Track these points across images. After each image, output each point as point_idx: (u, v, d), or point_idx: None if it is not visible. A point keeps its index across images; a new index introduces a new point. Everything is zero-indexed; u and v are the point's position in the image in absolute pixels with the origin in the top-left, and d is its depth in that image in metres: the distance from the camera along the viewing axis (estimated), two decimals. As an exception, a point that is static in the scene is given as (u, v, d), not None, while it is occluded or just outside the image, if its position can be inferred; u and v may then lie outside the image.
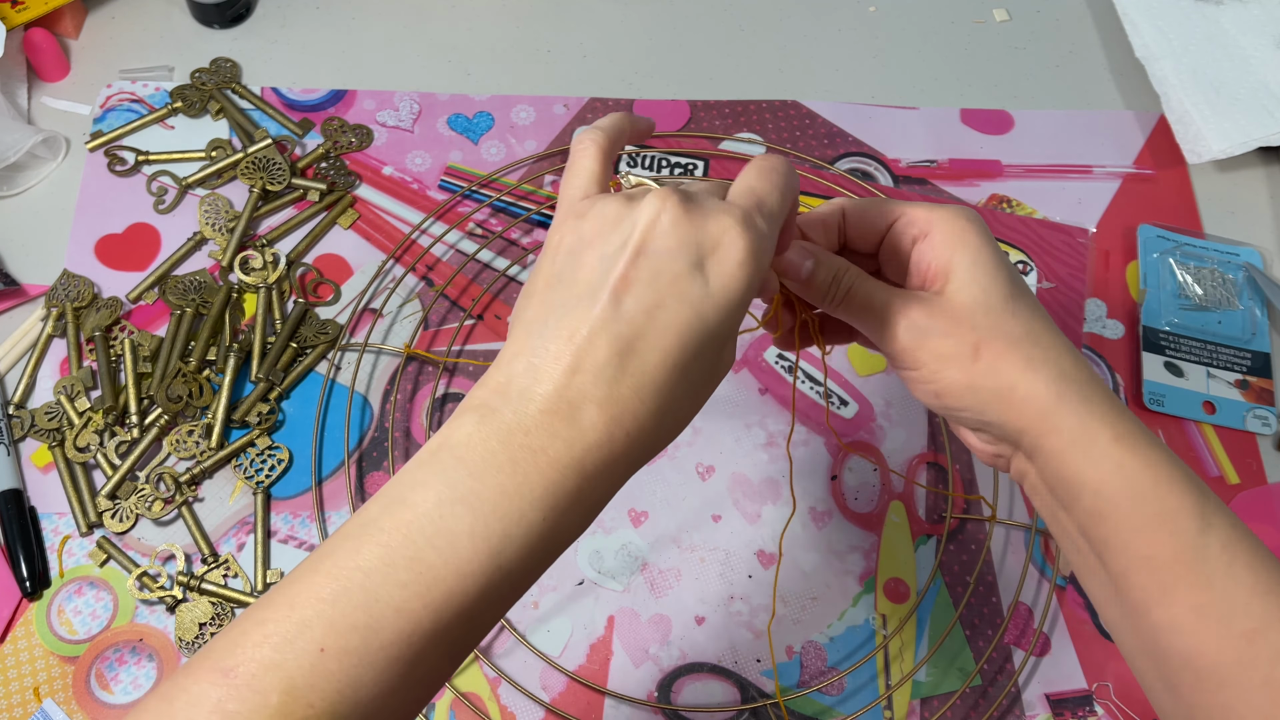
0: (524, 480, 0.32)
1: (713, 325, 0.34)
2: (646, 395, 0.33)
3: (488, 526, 0.32)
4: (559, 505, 0.32)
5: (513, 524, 0.32)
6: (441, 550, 0.31)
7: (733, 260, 0.34)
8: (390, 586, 0.31)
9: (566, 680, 0.56)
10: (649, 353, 0.33)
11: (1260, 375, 0.65)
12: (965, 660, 0.57)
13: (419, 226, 0.69)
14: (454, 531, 0.32)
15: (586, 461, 0.33)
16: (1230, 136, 0.70)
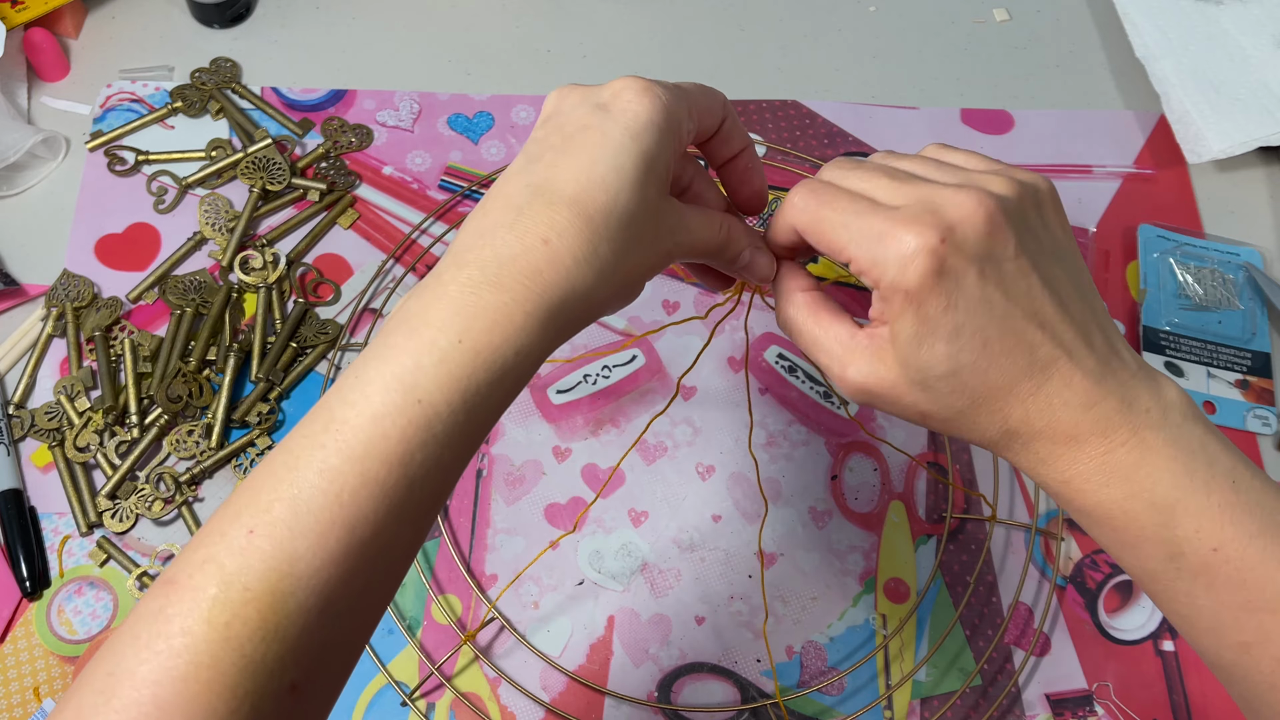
0: (428, 308, 0.33)
1: (618, 140, 0.35)
2: (561, 211, 0.34)
3: (398, 364, 0.32)
4: (471, 323, 0.33)
5: (423, 353, 0.32)
6: (355, 403, 0.32)
7: (630, 93, 0.36)
8: (309, 449, 0.31)
9: (566, 680, 0.56)
10: (562, 179, 0.35)
11: (1260, 375, 0.65)
12: (965, 660, 0.57)
13: (419, 226, 0.69)
14: (365, 379, 0.32)
15: (499, 274, 0.33)
16: (1230, 136, 0.70)
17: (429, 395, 0.32)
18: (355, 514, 0.31)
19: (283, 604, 0.30)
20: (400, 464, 0.31)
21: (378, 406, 0.32)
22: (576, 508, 0.61)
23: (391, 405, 0.32)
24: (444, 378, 0.32)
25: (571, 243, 0.34)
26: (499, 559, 0.59)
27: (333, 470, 0.31)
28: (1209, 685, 0.57)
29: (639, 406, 0.64)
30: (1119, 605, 0.59)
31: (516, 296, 0.33)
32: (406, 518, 0.32)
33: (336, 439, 0.31)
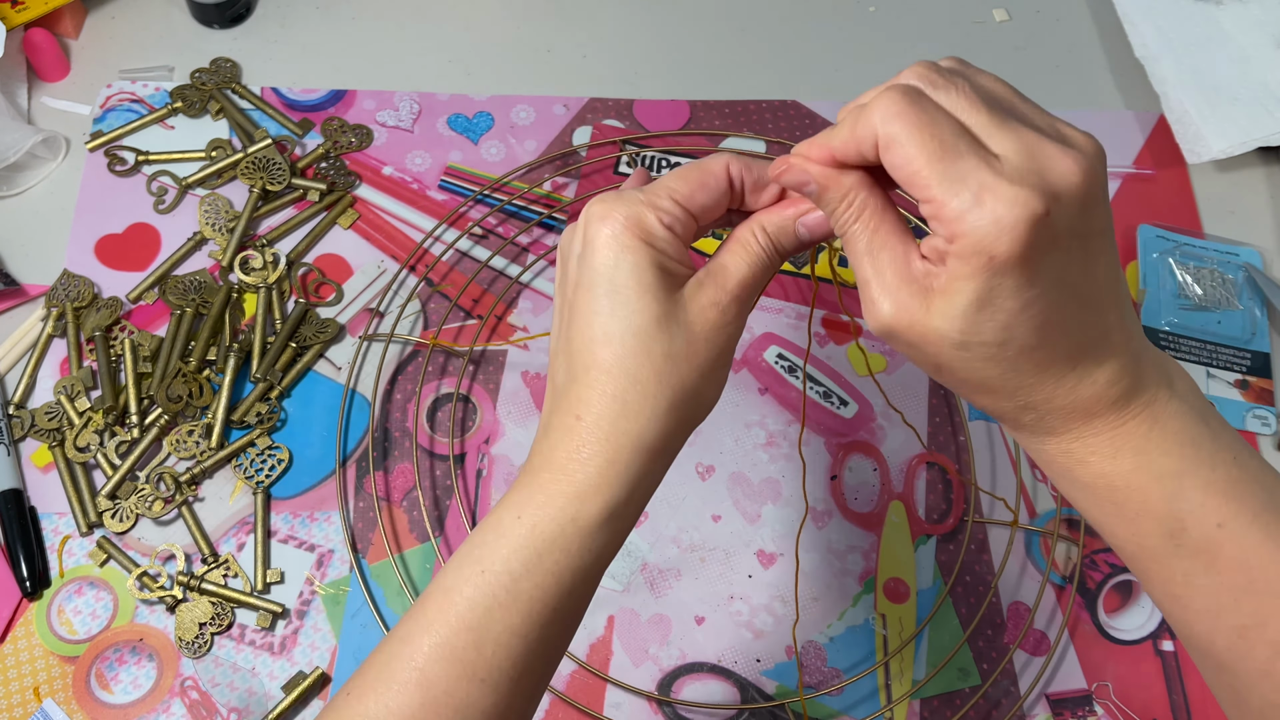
0: (507, 494, 0.37)
1: (602, 291, 0.36)
2: (584, 384, 0.36)
3: (472, 542, 0.37)
4: (528, 499, 0.37)
5: (489, 530, 0.37)
6: (439, 577, 0.37)
7: (593, 230, 0.36)
8: (407, 619, 0.37)
9: (567, 679, 0.56)
10: (575, 348, 0.37)
11: (1260, 375, 0.65)
12: (965, 660, 0.57)
13: (431, 234, 0.69)
14: (451, 563, 0.37)
15: (551, 454, 0.37)
16: (1230, 136, 0.70)
17: (490, 565, 0.36)
18: (426, 675, 0.35)
19: None
20: (467, 630, 0.35)
21: (450, 580, 0.36)
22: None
23: (460, 575, 0.36)
24: (504, 550, 0.36)
25: (599, 410, 0.36)
26: (499, 559, 0.59)
27: (409, 635, 0.36)
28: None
29: (639, 406, 0.64)
30: (1119, 605, 0.59)
31: (567, 472, 0.36)
32: (479, 679, 0.35)
33: (417, 609, 0.36)
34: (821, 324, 0.67)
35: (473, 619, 0.35)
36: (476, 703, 0.35)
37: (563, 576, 0.36)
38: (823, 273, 0.68)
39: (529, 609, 0.36)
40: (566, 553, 0.36)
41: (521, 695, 0.37)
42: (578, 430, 0.36)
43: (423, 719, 0.35)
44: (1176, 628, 0.37)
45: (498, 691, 0.36)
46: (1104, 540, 0.37)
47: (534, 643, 0.36)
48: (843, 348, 0.66)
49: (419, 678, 0.35)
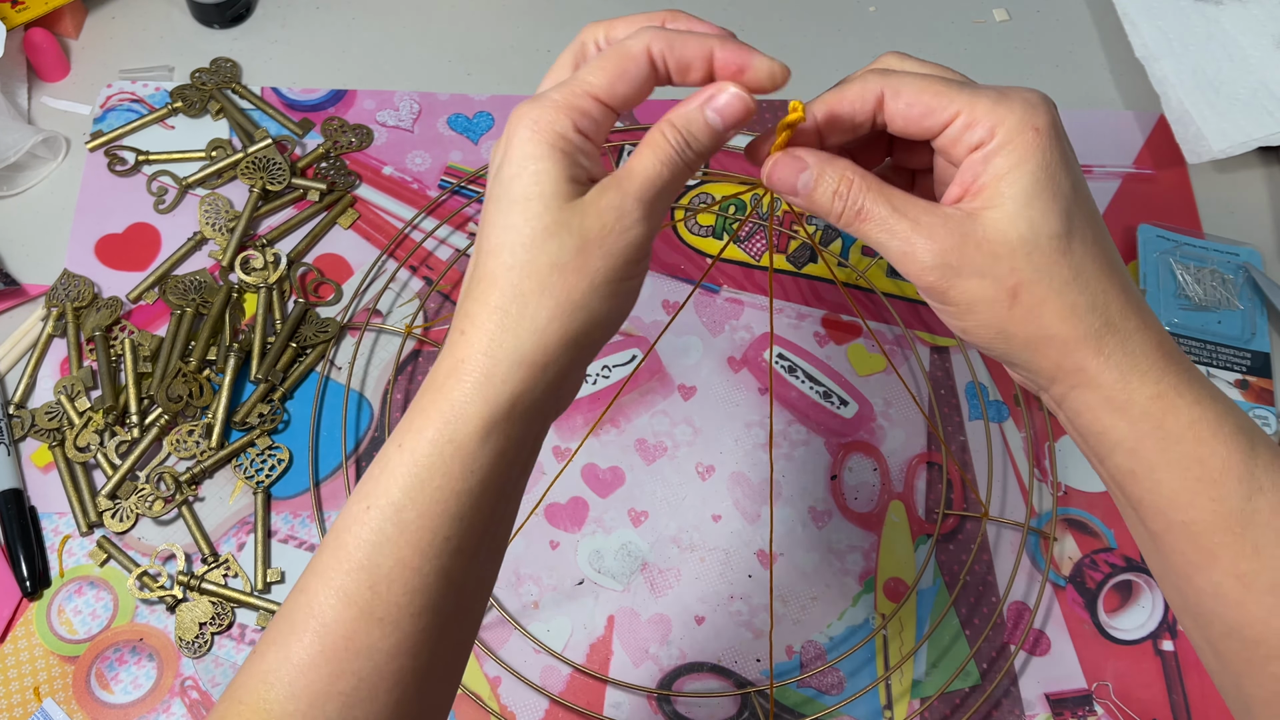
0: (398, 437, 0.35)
1: (502, 197, 0.34)
2: (476, 295, 0.34)
3: (366, 475, 0.35)
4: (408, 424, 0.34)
5: (376, 463, 0.34)
6: (336, 518, 0.35)
7: (510, 136, 0.34)
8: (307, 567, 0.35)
9: (567, 679, 0.56)
10: (477, 257, 0.35)
11: (1260, 375, 0.65)
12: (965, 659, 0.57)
13: (411, 222, 0.69)
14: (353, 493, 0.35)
15: (434, 375, 0.34)
16: (1230, 136, 0.70)
17: (375, 500, 0.34)
18: (323, 621, 0.33)
19: (266, 713, 0.33)
20: (359, 569, 0.33)
21: (340, 522, 0.34)
22: (577, 508, 0.61)
23: (349, 515, 0.34)
24: (386, 481, 0.34)
25: (485, 322, 0.34)
26: (499, 559, 0.59)
27: (306, 583, 0.34)
28: (1209, 685, 0.57)
29: (639, 406, 0.64)
30: (1119, 605, 0.59)
31: (444, 391, 0.34)
32: (376, 618, 0.33)
33: (314, 558, 0.35)
34: (821, 324, 0.67)
35: (363, 557, 0.33)
36: (378, 643, 0.33)
37: (449, 502, 0.34)
38: (822, 273, 0.68)
39: (417, 539, 0.33)
40: (448, 476, 0.33)
41: (427, 632, 0.34)
42: (460, 345, 0.34)
43: (324, 665, 0.33)
44: (1229, 616, 0.34)
45: (399, 630, 0.34)
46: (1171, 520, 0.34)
47: (429, 575, 0.34)
48: (843, 348, 0.66)
49: (317, 625, 0.33)
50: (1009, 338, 0.34)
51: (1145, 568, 0.60)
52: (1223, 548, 0.33)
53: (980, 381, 0.65)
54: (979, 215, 0.33)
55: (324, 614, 0.33)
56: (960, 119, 0.33)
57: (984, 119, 0.33)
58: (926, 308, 0.67)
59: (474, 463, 0.34)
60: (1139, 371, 0.34)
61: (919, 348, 0.66)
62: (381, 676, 0.33)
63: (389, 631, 0.33)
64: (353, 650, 0.33)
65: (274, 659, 0.33)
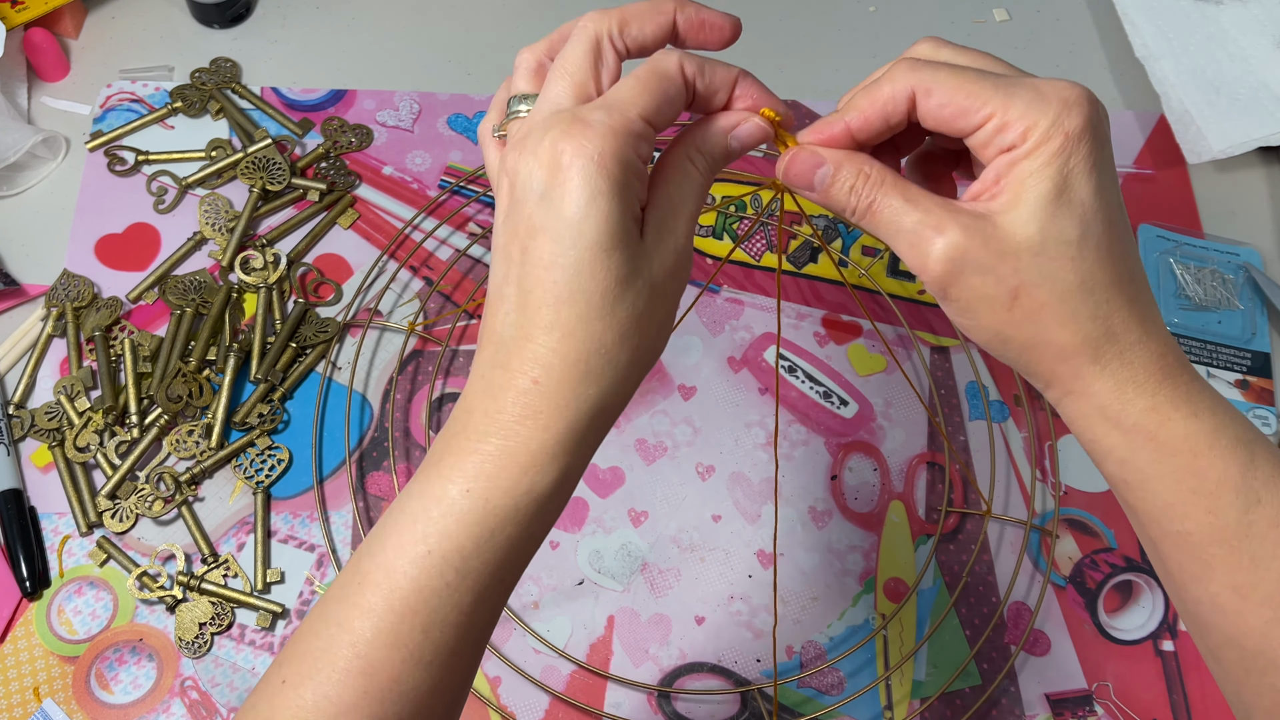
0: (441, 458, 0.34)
1: (570, 240, 0.32)
2: (541, 344, 0.33)
3: (411, 516, 0.33)
4: (477, 471, 0.33)
5: (431, 504, 0.33)
6: (374, 554, 0.33)
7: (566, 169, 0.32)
8: (335, 602, 0.34)
9: (567, 678, 0.56)
10: (533, 305, 0.33)
11: (1260, 375, 0.65)
12: (965, 660, 0.57)
13: (411, 222, 0.69)
14: (385, 531, 0.34)
15: (499, 420, 0.33)
16: (1230, 136, 0.70)
17: (438, 545, 0.33)
18: (369, 663, 0.32)
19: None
20: (413, 614, 0.33)
21: (390, 559, 0.33)
22: (577, 508, 0.61)
23: (403, 553, 0.33)
24: (452, 527, 0.33)
25: (560, 375, 0.32)
26: (499, 559, 0.59)
27: (348, 619, 0.33)
28: (1209, 685, 0.57)
29: (639, 406, 0.64)
30: (1119, 605, 0.59)
31: (521, 440, 0.33)
32: (424, 661, 0.33)
33: (353, 590, 0.33)
34: (821, 324, 0.67)
35: (419, 603, 0.33)
36: (421, 684, 0.33)
37: (514, 549, 0.34)
38: (822, 273, 0.68)
39: (477, 586, 0.33)
40: (519, 525, 0.33)
41: (465, 669, 0.35)
42: (534, 394, 0.32)
43: (366, 708, 0.32)
44: (1227, 627, 0.34)
45: (443, 670, 0.33)
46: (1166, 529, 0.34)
47: (479, 617, 0.34)
48: (843, 348, 0.66)
49: (362, 666, 0.32)
50: (1006, 340, 0.34)
51: (1146, 568, 0.60)
52: (1219, 560, 0.33)
53: (981, 382, 0.65)
54: (993, 214, 0.33)
55: (371, 656, 0.32)
56: (993, 121, 0.33)
57: (1017, 121, 0.32)
58: (928, 307, 0.67)
59: (545, 513, 0.34)
60: (1135, 383, 0.34)
61: (920, 347, 0.66)
62: (419, 713, 0.33)
63: (434, 673, 0.33)
64: (397, 693, 0.33)
65: (311, 696, 0.32)
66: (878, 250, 0.69)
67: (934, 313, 0.67)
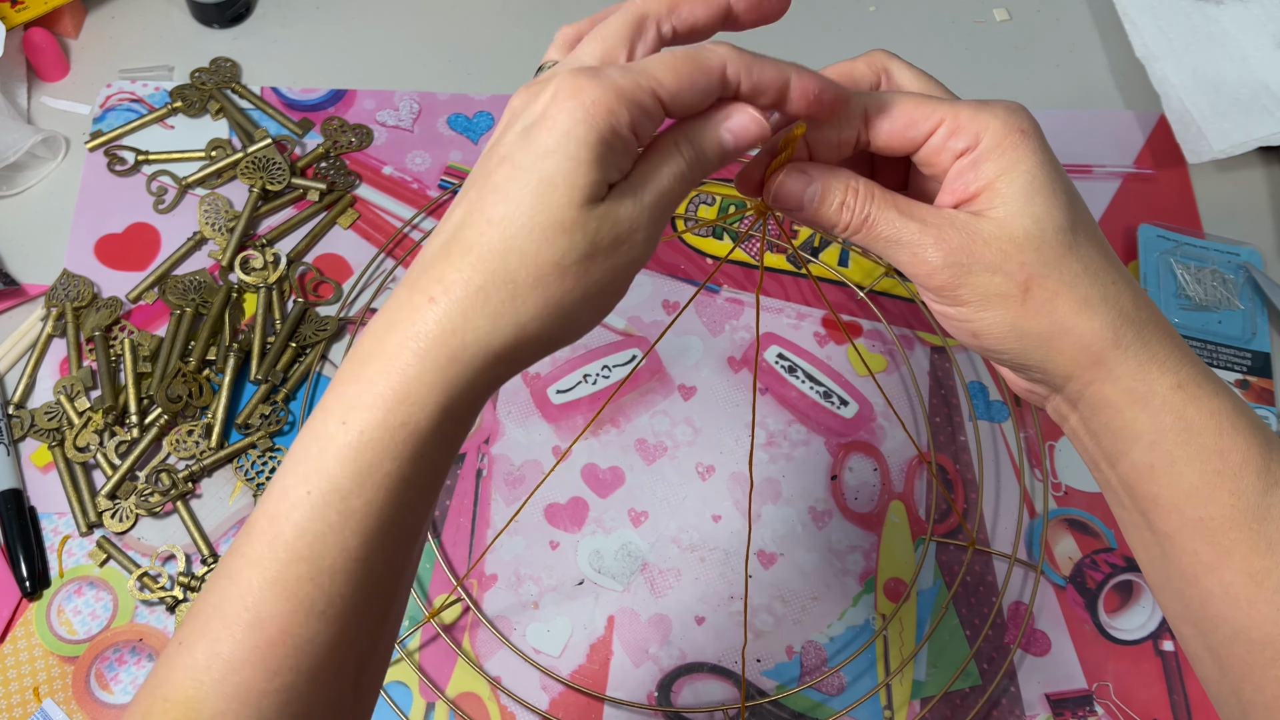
0: (331, 389, 0.32)
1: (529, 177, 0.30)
2: (458, 265, 0.30)
3: (296, 455, 0.32)
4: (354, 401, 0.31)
5: (312, 441, 0.31)
6: (263, 501, 0.32)
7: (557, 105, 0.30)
8: (230, 554, 0.32)
9: (567, 678, 0.56)
10: (471, 228, 0.31)
11: (1260, 375, 0.65)
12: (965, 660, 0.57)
13: (410, 222, 0.69)
14: (281, 471, 0.32)
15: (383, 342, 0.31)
16: (1230, 136, 0.70)
17: (317, 485, 0.31)
18: (258, 615, 0.30)
19: (195, 712, 0.30)
20: (299, 560, 0.31)
21: (275, 505, 0.31)
22: (577, 508, 0.61)
23: (285, 497, 0.31)
24: (330, 464, 0.31)
25: (462, 298, 0.30)
26: (498, 559, 0.59)
27: (237, 571, 0.31)
28: (1209, 685, 0.57)
29: (639, 406, 0.64)
30: (1119, 605, 0.59)
31: (399, 366, 0.30)
32: (318, 612, 0.31)
33: (243, 541, 0.32)
34: (822, 324, 0.67)
35: (303, 548, 0.30)
36: (316, 636, 0.31)
37: (395, 489, 0.31)
38: (823, 273, 0.68)
39: (364, 529, 0.31)
40: (397, 462, 0.31)
41: (366, 623, 0.32)
42: (424, 314, 0.30)
43: (259, 662, 0.30)
44: (1237, 618, 0.34)
45: (340, 622, 0.31)
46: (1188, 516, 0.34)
47: (375, 565, 0.32)
48: (843, 348, 0.66)
49: (251, 618, 0.30)
50: (1023, 334, 0.34)
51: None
52: (1237, 544, 0.33)
53: (981, 381, 0.65)
54: (983, 215, 0.33)
55: (259, 607, 0.30)
56: (943, 127, 0.34)
57: (967, 125, 0.33)
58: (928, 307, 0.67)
59: (427, 448, 0.31)
60: (1157, 362, 0.34)
61: (920, 347, 0.66)
62: (321, 670, 0.31)
63: (330, 625, 0.31)
64: (290, 646, 0.31)
65: (204, 654, 0.31)
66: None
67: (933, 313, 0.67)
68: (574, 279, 0.31)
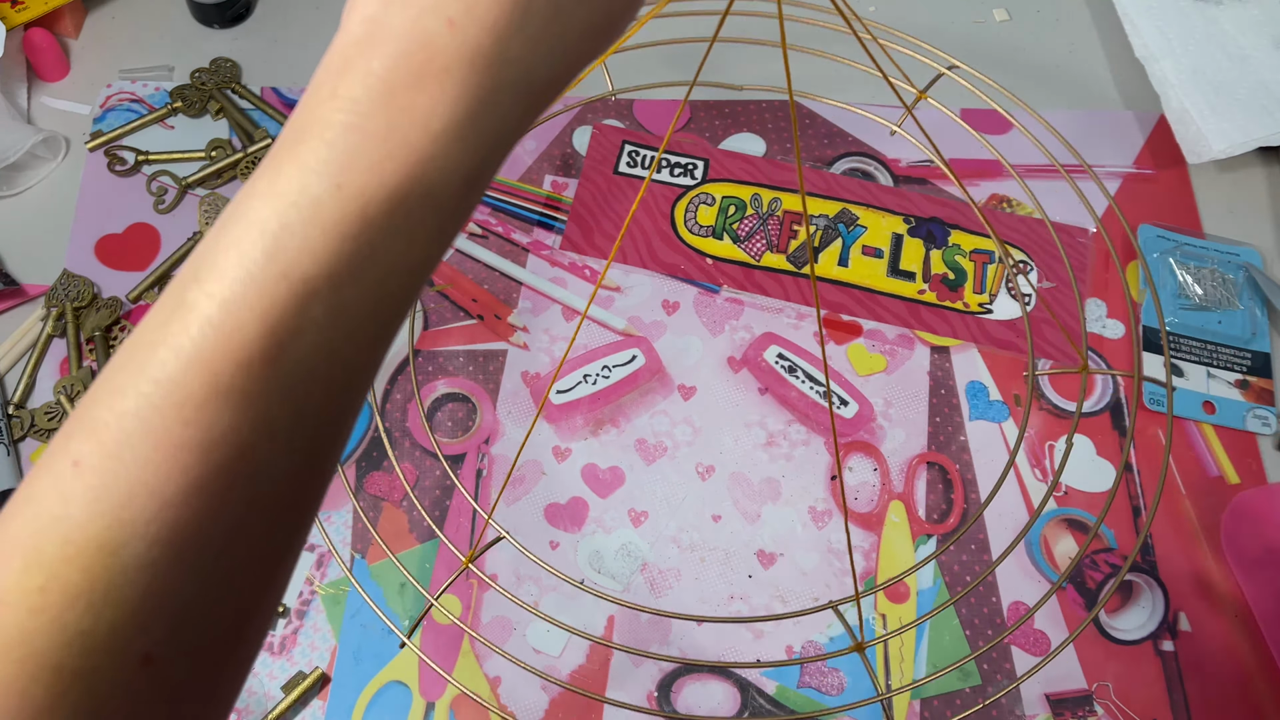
0: (300, 138, 0.24)
1: None
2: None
3: (259, 225, 0.23)
4: (353, 158, 0.23)
5: (288, 208, 0.23)
6: (205, 281, 0.24)
7: None
8: (150, 350, 0.24)
9: (566, 679, 0.56)
10: None
11: (1260, 375, 0.65)
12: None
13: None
14: (221, 246, 0.24)
15: (392, 80, 0.24)
16: (1230, 136, 0.70)
17: (298, 266, 0.23)
18: (207, 434, 0.23)
19: (114, 559, 0.23)
20: (266, 363, 0.23)
21: (230, 288, 0.23)
22: (577, 508, 0.61)
23: (249, 284, 0.23)
24: (316, 240, 0.23)
25: (487, 16, 0.23)
26: (499, 559, 0.59)
27: (172, 379, 0.23)
28: (1209, 685, 0.57)
29: (639, 407, 0.64)
30: (1119, 605, 0.59)
31: (419, 113, 0.23)
32: (283, 436, 0.24)
33: (179, 336, 0.23)
34: (822, 324, 0.67)
35: (274, 348, 0.23)
36: (279, 472, 0.24)
37: (405, 279, 0.24)
38: (822, 273, 0.68)
39: (351, 329, 0.24)
40: (411, 242, 0.24)
41: (320, 460, 0.25)
42: (444, 43, 0.23)
43: (201, 499, 0.23)
44: None
45: (308, 460, 0.25)
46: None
47: (352, 377, 0.25)
48: (843, 348, 0.66)
49: (198, 437, 0.23)
50: None
51: (1145, 568, 0.60)
52: None
53: (981, 381, 0.65)
54: None
55: (209, 422, 0.23)
56: None
57: None
58: (927, 307, 0.67)
59: (445, 224, 0.24)
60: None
61: (920, 347, 0.66)
62: (279, 512, 0.25)
63: (297, 461, 0.24)
64: (247, 474, 0.24)
65: (125, 484, 0.23)
66: (879, 250, 0.69)
67: (934, 313, 0.67)
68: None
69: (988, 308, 0.67)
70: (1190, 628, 0.58)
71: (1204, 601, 0.59)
